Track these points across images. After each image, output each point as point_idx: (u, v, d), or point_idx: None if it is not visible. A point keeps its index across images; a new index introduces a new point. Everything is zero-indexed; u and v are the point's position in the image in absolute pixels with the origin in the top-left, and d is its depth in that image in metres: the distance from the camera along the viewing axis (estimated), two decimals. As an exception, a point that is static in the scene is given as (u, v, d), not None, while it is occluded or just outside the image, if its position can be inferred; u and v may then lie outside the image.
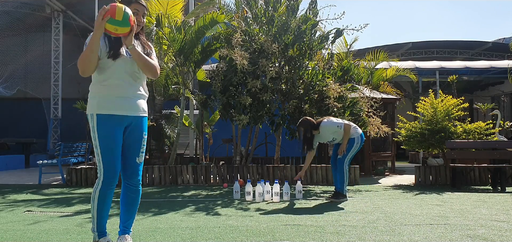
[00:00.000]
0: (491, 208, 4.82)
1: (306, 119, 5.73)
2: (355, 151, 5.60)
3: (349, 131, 5.51)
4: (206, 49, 8.27)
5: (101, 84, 2.75)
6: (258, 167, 7.73)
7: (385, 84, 10.20)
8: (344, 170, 5.53)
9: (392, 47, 16.76)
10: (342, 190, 5.49)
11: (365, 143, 8.42)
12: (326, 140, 5.78)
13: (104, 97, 2.74)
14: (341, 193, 5.48)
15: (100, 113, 2.73)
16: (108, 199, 2.80)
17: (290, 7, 7.64)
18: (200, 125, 9.10)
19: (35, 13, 15.07)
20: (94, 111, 2.75)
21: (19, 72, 14.86)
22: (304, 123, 5.66)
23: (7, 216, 4.54)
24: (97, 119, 2.73)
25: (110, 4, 2.58)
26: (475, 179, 7.41)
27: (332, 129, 5.59)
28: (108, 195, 2.80)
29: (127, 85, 2.79)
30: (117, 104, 2.76)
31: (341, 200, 5.39)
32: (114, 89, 2.75)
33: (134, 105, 2.83)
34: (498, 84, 17.11)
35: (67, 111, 14.85)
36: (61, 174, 8.13)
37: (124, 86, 2.78)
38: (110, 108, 2.75)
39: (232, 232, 3.61)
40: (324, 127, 5.58)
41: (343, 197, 5.47)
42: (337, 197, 5.45)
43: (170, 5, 7.95)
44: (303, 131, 5.65)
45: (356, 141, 5.56)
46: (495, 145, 7.07)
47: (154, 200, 5.74)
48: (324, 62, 7.96)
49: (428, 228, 3.67)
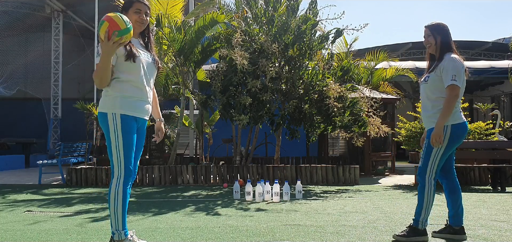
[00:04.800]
0: (491, 208, 4.82)
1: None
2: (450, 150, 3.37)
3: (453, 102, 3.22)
4: (206, 49, 8.26)
5: (122, 84, 2.80)
6: (258, 167, 7.73)
7: (385, 84, 10.21)
8: (426, 184, 3.31)
9: (392, 47, 16.76)
10: (417, 221, 3.33)
11: (365, 142, 8.43)
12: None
13: (126, 98, 2.81)
14: (417, 228, 3.33)
15: (123, 114, 2.80)
16: (128, 196, 2.88)
17: (290, 7, 7.64)
18: (200, 125, 9.10)
19: (35, 13, 15.08)
20: (117, 111, 2.79)
21: (19, 72, 14.86)
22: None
23: (7, 216, 4.54)
24: (121, 119, 2.79)
25: (105, 18, 2.58)
26: (475, 179, 7.41)
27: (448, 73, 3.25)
28: (128, 193, 2.87)
29: (144, 88, 2.89)
30: (137, 106, 2.86)
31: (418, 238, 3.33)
32: (136, 92, 2.84)
33: (147, 109, 2.95)
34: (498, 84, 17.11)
35: (67, 111, 14.86)
36: (61, 174, 8.13)
37: (143, 89, 2.88)
38: (132, 110, 2.83)
39: (232, 232, 3.61)
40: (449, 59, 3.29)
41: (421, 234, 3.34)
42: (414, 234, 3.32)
43: (170, 5, 7.94)
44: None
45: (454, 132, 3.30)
46: (495, 145, 7.07)
47: (154, 200, 5.74)
48: (324, 62, 7.96)
49: (428, 228, 3.66)
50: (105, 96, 2.83)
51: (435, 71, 3.30)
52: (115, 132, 2.79)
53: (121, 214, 2.82)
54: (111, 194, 2.80)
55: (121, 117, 2.80)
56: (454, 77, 3.17)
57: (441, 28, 3.37)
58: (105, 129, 2.84)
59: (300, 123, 7.73)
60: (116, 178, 2.81)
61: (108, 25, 2.55)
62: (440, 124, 3.20)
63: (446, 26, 3.41)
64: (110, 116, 2.79)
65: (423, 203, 3.29)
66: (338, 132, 7.91)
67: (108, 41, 2.57)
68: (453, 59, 3.25)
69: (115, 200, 2.79)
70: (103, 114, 2.82)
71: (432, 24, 3.41)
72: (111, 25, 2.55)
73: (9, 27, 13.89)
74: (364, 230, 3.67)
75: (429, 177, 3.29)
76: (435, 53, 3.38)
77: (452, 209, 3.38)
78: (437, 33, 3.35)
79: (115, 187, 2.80)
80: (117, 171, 2.81)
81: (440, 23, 3.41)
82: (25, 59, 15.30)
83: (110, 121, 2.79)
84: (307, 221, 4.08)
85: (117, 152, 2.79)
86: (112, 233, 2.85)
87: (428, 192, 3.28)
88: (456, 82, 3.17)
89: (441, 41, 3.34)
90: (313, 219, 4.19)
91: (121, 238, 2.83)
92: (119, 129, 2.79)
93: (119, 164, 2.80)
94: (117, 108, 2.79)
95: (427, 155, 3.31)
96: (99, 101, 2.90)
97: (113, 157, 2.80)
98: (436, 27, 3.38)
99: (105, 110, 2.81)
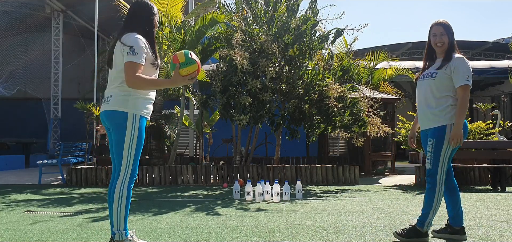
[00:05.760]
0: (491, 208, 4.82)
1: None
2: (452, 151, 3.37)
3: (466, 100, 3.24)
4: (206, 49, 8.26)
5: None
6: (258, 167, 7.73)
7: (385, 84, 10.21)
8: (437, 186, 3.28)
9: (392, 47, 16.76)
10: (423, 223, 3.31)
11: (365, 142, 8.43)
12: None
13: (145, 100, 2.91)
14: (420, 231, 3.31)
15: (142, 116, 2.90)
16: (131, 196, 2.93)
17: (290, 7, 7.64)
18: (200, 125, 9.10)
19: (35, 13, 15.06)
20: (138, 112, 2.87)
21: (19, 72, 14.85)
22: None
23: (7, 216, 4.55)
24: (140, 121, 2.87)
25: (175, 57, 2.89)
26: (475, 179, 7.42)
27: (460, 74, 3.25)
28: (131, 193, 2.92)
29: (153, 93, 3.04)
30: (150, 108, 2.99)
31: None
32: (152, 95, 2.98)
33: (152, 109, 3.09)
34: (498, 84, 17.09)
35: (67, 111, 14.85)
36: (61, 174, 8.13)
37: (153, 94, 3.03)
38: (147, 111, 2.95)
39: (232, 232, 3.61)
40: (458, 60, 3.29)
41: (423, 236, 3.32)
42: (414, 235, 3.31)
43: (170, 5, 7.94)
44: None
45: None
46: (495, 145, 7.07)
47: (154, 200, 5.74)
48: (324, 62, 7.96)
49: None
50: (125, 96, 2.83)
51: (444, 69, 3.27)
52: (132, 132, 2.84)
53: (124, 214, 2.83)
54: (116, 193, 2.81)
55: (141, 119, 2.88)
56: (468, 78, 3.21)
57: (451, 28, 3.39)
58: (118, 127, 2.83)
59: (300, 123, 7.73)
60: (122, 178, 2.83)
61: (197, 69, 2.86)
62: (460, 122, 3.21)
63: (451, 27, 3.43)
64: (131, 116, 2.83)
65: (432, 205, 3.26)
66: (338, 132, 7.91)
67: (183, 77, 2.83)
68: (464, 60, 3.27)
69: (119, 199, 2.81)
70: (122, 113, 2.82)
71: (445, 23, 3.38)
72: (175, 60, 2.85)
73: (9, 27, 13.88)
74: (364, 230, 3.67)
75: (440, 178, 3.26)
76: (442, 53, 3.35)
77: (452, 210, 3.36)
78: (450, 33, 3.35)
79: (120, 186, 2.81)
80: (123, 171, 2.84)
81: (449, 23, 3.42)
82: (25, 59, 15.27)
83: (129, 120, 2.83)
84: (307, 221, 4.08)
85: (128, 152, 2.83)
86: (112, 233, 2.85)
87: (438, 194, 3.25)
88: (469, 82, 3.22)
89: (449, 41, 3.35)
90: (313, 219, 4.19)
91: (122, 239, 2.83)
92: (136, 129, 2.85)
93: (127, 163, 2.84)
94: (139, 110, 2.87)
95: (436, 156, 3.27)
96: (113, 98, 2.85)
97: (123, 156, 2.83)
98: (449, 27, 3.37)
99: (125, 109, 2.82)
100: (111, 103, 2.85)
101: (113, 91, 2.87)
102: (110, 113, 2.85)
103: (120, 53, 2.82)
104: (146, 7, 2.98)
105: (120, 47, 2.83)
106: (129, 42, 2.78)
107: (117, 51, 2.87)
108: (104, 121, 2.95)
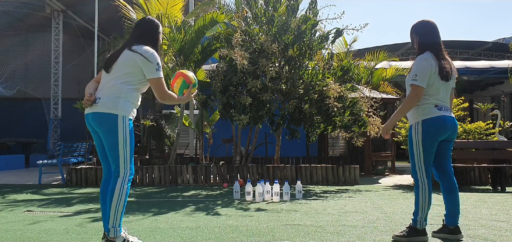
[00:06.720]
0: (491, 208, 4.82)
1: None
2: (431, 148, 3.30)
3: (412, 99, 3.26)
4: (206, 49, 8.26)
5: (137, 94, 3.08)
6: (258, 167, 7.73)
7: (385, 84, 10.20)
8: (419, 184, 3.31)
9: (392, 47, 16.72)
10: (415, 221, 3.32)
11: (365, 142, 8.43)
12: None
13: (132, 105, 3.06)
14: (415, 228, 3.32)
15: (131, 118, 3.06)
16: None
17: (290, 7, 7.64)
18: (200, 125, 9.10)
19: (35, 13, 15.06)
20: (127, 114, 3.01)
21: (19, 72, 14.85)
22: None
23: (7, 216, 4.55)
24: (129, 123, 3.03)
25: (179, 75, 3.28)
26: (475, 179, 7.42)
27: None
28: (129, 191, 3.06)
29: (139, 100, 3.23)
30: (135, 113, 3.14)
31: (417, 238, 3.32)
32: (138, 102, 3.16)
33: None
34: (498, 84, 17.08)
35: (67, 111, 14.84)
36: (61, 174, 8.13)
37: (139, 101, 3.20)
38: (133, 115, 3.10)
39: (232, 232, 3.61)
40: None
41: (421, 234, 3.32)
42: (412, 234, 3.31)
43: (170, 5, 7.95)
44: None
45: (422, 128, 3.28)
46: (495, 145, 7.07)
47: (154, 200, 5.74)
48: (324, 62, 7.96)
49: (427, 228, 3.66)
50: (117, 98, 2.94)
51: (409, 71, 3.38)
52: (124, 133, 2.96)
53: (121, 211, 2.95)
54: (116, 191, 2.92)
55: (130, 121, 3.01)
56: (415, 77, 3.21)
57: (420, 28, 3.37)
58: (110, 129, 2.94)
59: (300, 123, 7.73)
60: (122, 177, 2.95)
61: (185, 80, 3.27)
62: (393, 119, 3.43)
63: (427, 25, 3.37)
64: (121, 118, 2.95)
65: (419, 202, 3.29)
66: (338, 132, 7.90)
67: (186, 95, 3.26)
68: (419, 59, 3.28)
69: (119, 197, 2.92)
70: (112, 115, 2.93)
71: (415, 24, 3.43)
72: (187, 81, 3.27)
73: (9, 27, 13.88)
74: (364, 230, 3.68)
75: (421, 176, 3.28)
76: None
77: (448, 209, 3.36)
78: (418, 33, 3.37)
79: (120, 185, 2.94)
80: (123, 170, 2.96)
81: (423, 22, 3.39)
82: (25, 59, 15.27)
83: (120, 122, 2.94)
84: (307, 221, 4.08)
85: (124, 152, 2.96)
86: (106, 230, 2.94)
87: (422, 191, 3.27)
88: (416, 81, 3.20)
89: (418, 42, 3.36)
90: (313, 219, 4.19)
91: (117, 235, 2.93)
92: (127, 130, 2.98)
93: (125, 163, 2.97)
94: (127, 112, 2.98)
95: (411, 155, 3.35)
96: (102, 101, 2.96)
97: (120, 157, 2.95)
98: (417, 27, 3.40)
99: (116, 112, 2.94)
100: (100, 106, 2.95)
101: (102, 93, 2.98)
102: (100, 115, 2.96)
103: (133, 62, 2.98)
104: (155, 24, 3.23)
105: (133, 56, 2.98)
106: (152, 58, 3.00)
107: (126, 59, 2.99)
108: (89, 122, 3.03)
